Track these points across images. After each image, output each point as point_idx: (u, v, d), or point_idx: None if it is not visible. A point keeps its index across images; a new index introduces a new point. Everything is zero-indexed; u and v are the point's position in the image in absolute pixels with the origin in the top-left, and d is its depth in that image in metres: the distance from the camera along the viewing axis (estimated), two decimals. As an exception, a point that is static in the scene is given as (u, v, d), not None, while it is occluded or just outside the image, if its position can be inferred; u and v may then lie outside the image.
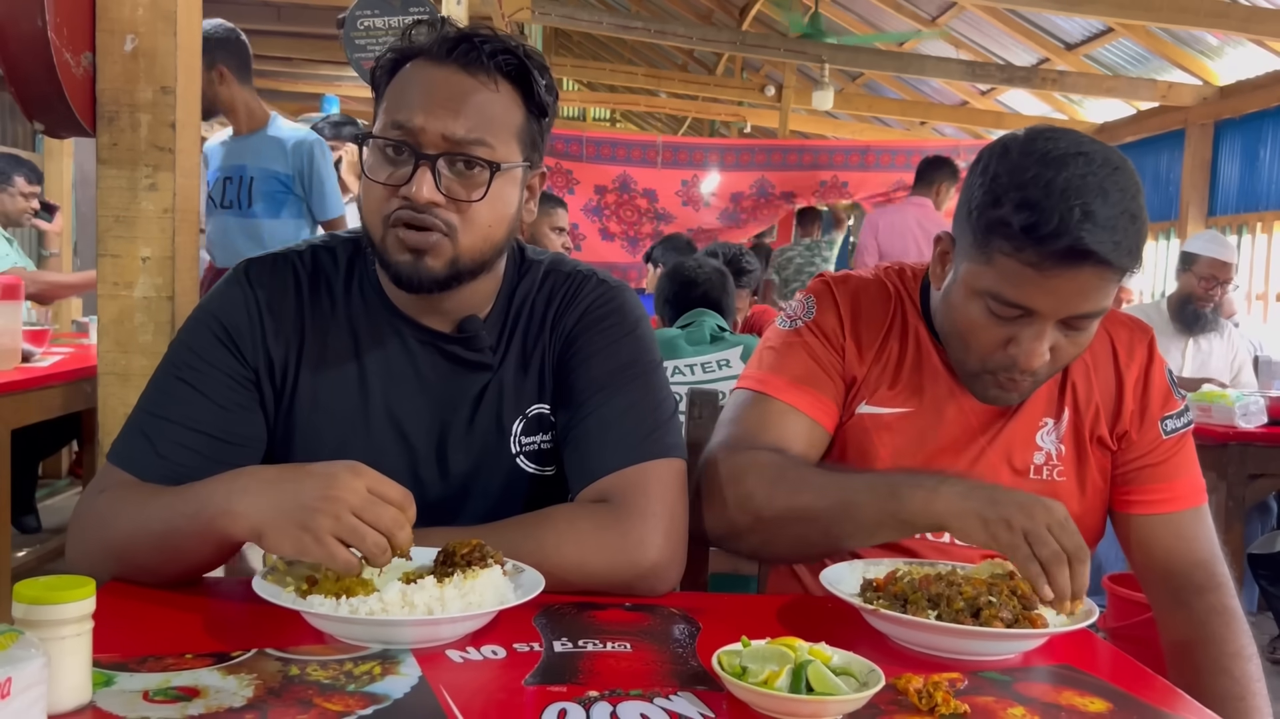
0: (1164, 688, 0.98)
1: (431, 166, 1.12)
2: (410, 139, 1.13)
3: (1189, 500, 1.36)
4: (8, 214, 4.63)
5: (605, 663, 0.94)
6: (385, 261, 1.17)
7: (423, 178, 1.12)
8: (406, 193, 1.13)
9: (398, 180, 1.14)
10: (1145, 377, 1.37)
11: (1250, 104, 7.03)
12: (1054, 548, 1.04)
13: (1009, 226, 1.15)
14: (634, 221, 6.45)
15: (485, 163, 1.14)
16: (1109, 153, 1.18)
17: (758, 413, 1.36)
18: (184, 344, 1.22)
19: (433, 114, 1.13)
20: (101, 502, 1.15)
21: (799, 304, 1.43)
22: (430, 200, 1.12)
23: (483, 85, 1.15)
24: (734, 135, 12.49)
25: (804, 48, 7.98)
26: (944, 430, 1.35)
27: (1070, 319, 1.20)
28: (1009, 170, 1.17)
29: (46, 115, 1.82)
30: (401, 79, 1.17)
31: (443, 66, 1.15)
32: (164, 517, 1.08)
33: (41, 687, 0.72)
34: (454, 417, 1.25)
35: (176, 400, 1.18)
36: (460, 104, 1.14)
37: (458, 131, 1.13)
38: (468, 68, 1.15)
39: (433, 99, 1.14)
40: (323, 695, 0.84)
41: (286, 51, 7.68)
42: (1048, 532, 1.05)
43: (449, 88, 1.15)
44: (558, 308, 1.28)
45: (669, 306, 2.82)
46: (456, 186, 1.14)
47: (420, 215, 1.13)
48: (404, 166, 1.14)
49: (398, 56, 1.19)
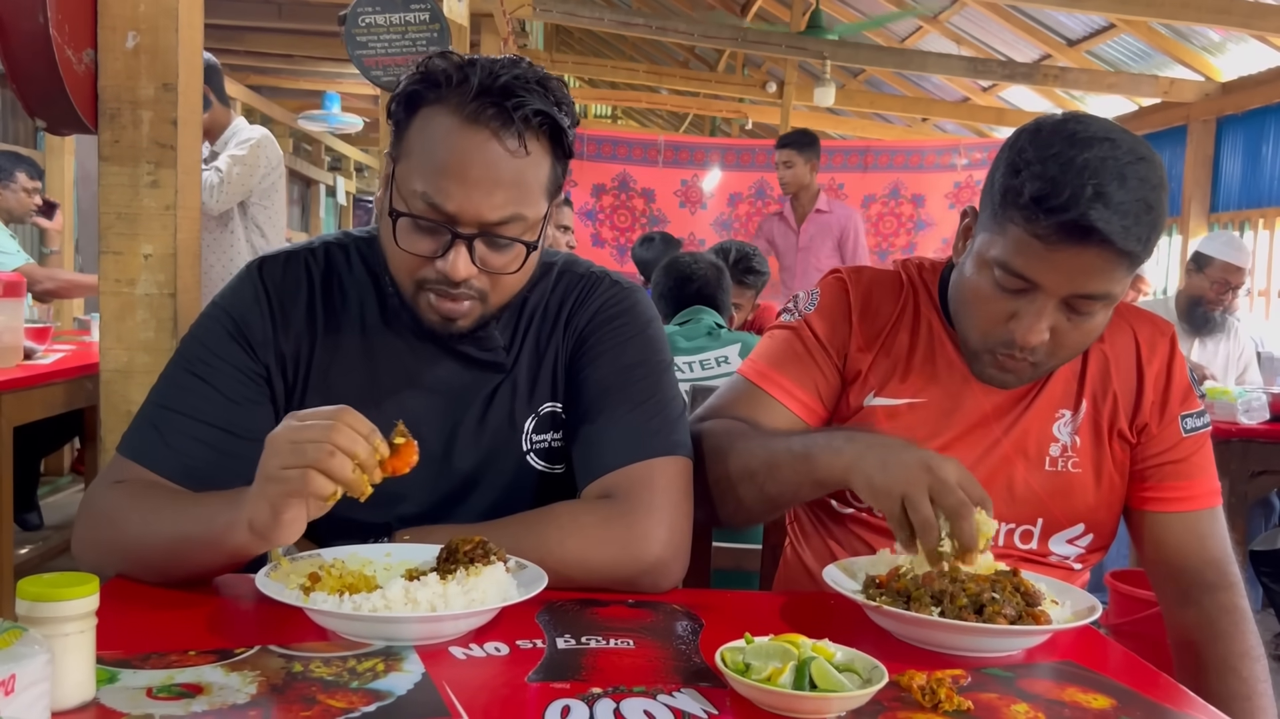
0: (1168, 685, 0.98)
1: (468, 243, 1.12)
2: (445, 220, 1.12)
3: (1206, 501, 1.36)
4: (10, 211, 4.63)
5: (608, 659, 0.94)
6: (415, 315, 1.19)
7: (458, 256, 1.12)
8: (442, 268, 1.13)
9: (429, 252, 1.14)
10: (1167, 371, 1.38)
11: (1252, 100, 7.01)
12: (925, 513, 1.04)
13: (1021, 196, 1.17)
14: (626, 228, 6.44)
15: (522, 243, 1.15)
16: (1138, 144, 1.19)
17: (734, 394, 1.42)
18: (195, 339, 1.23)
19: (469, 197, 1.10)
20: (112, 497, 1.15)
21: (804, 297, 1.46)
22: (466, 278, 1.13)
23: (514, 154, 1.12)
24: (735, 132, 12.48)
25: (805, 44, 7.97)
26: (957, 420, 1.36)
27: (1073, 299, 1.20)
28: (1036, 146, 1.18)
29: (48, 112, 1.81)
30: (429, 134, 1.12)
31: (473, 131, 1.10)
32: (175, 522, 1.08)
33: (45, 683, 0.72)
34: (465, 414, 1.25)
35: (187, 393, 1.19)
36: (495, 183, 1.11)
37: (493, 214, 1.12)
38: (499, 134, 1.11)
39: (467, 177, 1.10)
40: (326, 692, 0.84)
41: (288, 49, 7.68)
42: (926, 496, 1.05)
43: (484, 163, 1.10)
44: (571, 308, 1.29)
45: (665, 302, 2.82)
46: (492, 259, 1.15)
47: (452, 289, 1.14)
48: (438, 238, 1.13)
49: (418, 91, 1.13)
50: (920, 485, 1.05)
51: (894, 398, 1.37)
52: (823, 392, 1.39)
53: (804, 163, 5.05)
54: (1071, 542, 1.38)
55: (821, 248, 5.13)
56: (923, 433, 1.35)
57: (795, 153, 5.07)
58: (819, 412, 1.40)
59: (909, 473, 1.07)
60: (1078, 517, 1.37)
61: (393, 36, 3.77)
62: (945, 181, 6.42)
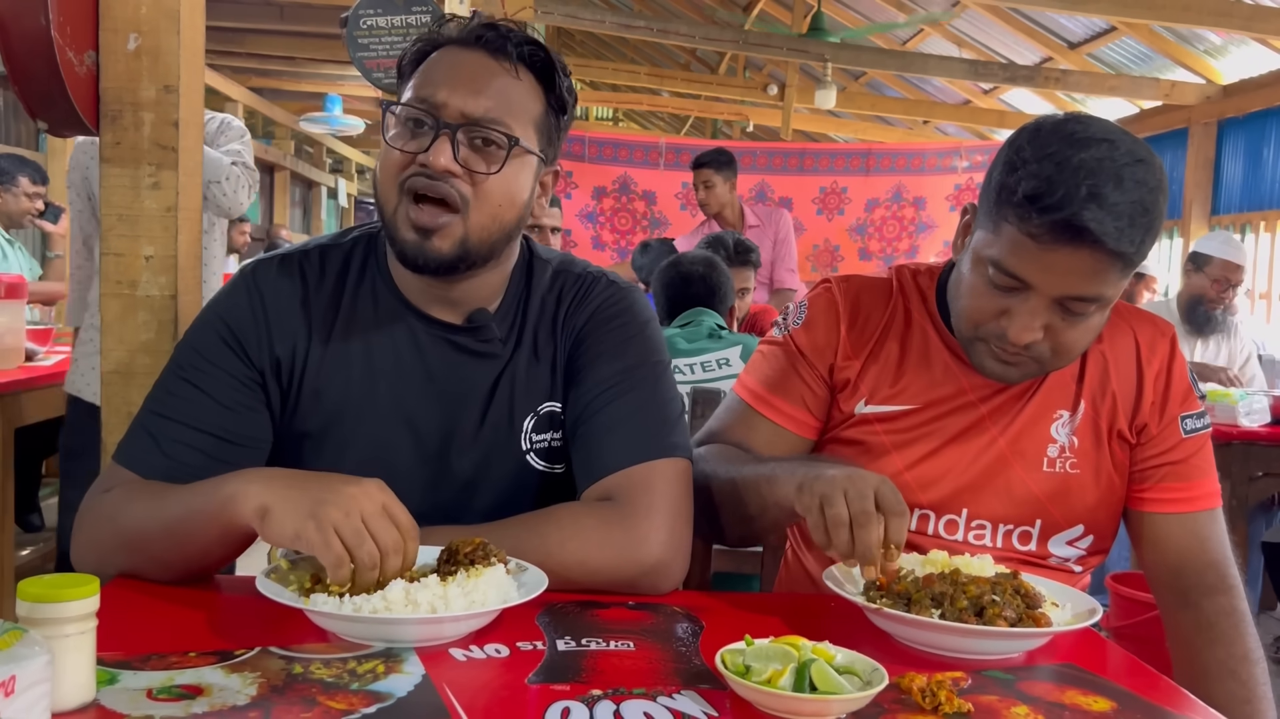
0: (1168, 687, 0.98)
1: (451, 137, 1.14)
2: (431, 111, 1.15)
3: (1205, 502, 1.36)
4: (11, 215, 4.63)
5: (608, 661, 0.94)
6: (393, 238, 1.19)
7: (441, 146, 1.14)
8: (424, 160, 1.14)
9: (415, 148, 1.16)
10: (1167, 372, 1.37)
11: (1254, 103, 7.01)
12: (837, 510, 1.06)
13: (1015, 194, 1.17)
14: (627, 230, 6.44)
15: (504, 136, 1.16)
16: (1138, 146, 1.18)
17: (730, 417, 1.45)
18: (189, 345, 1.23)
19: (455, 91, 1.15)
20: (110, 497, 1.15)
21: (793, 310, 1.47)
22: (447, 169, 1.14)
23: (506, 71, 1.19)
24: (737, 134, 12.48)
25: (806, 47, 7.97)
26: (952, 424, 1.36)
27: (1066, 300, 1.20)
28: (1034, 145, 1.19)
29: (49, 114, 1.81)
30: (428, 63, 1.20)
31: (469, 51, 1.19)
32: (178, 502, 1.09)
33: (45, 684, 0.72)
34: (464, 411, 1.25)
35: (181, 401, 1.19)
36: (483, 84, 1.17)
37: (478, 109, 1.15)
38: (494, 54, 1.18)
39: (457, 77, 1.17)
40: (326, 694, 0.84)
41: (289, 51, 7.69)
42: (842, 497, 1.07)
43: (473, 68, 1.18)
44: (568, 308, 1.29)
45: (665, 303, 2.81)
46: (474, 158, 1.16)
47: (434, 183, 1.15)
48: (423, 137, 1.15)
49: (425, 46, 1.21)
50: (837, 488, 1.08)
51: (886, 404, 1.38)
52: (812, 405, 1.41)
53: (723, 181, 4.75)
54: (1071, 543, 1.38)
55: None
56: (917, 438, 1.36)
57: (714, 172, 4.72)
58: (813, 424, 1.42)
59: (831, 480, 1.10)
60: (1077, 518, 1.36)
61: (394, 39, 3.77)
62: (946, 184, 6.42)
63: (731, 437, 1.42)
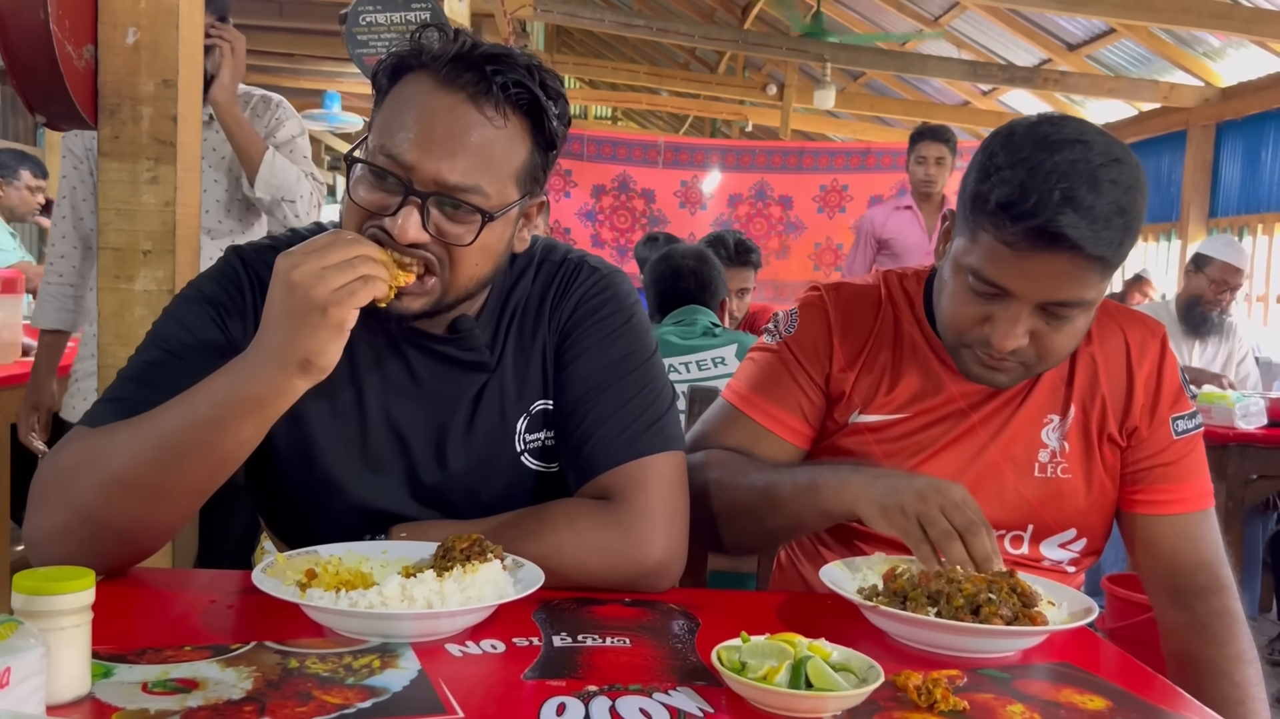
0: (1163, 686, 0.98)
1: (420, 206, 1.06)
2: (401, 173, 1.06)
3: (1197, 503, 1.36)
4: (13, 208, 4.62)
5: (604, 658, 0.94)
6: None
7: (409, 216, 1.05)
8: (390, 227, 1.06)
9: (378, 206, 1.08)
10: (1158, 373, 1.36)
11: (1252, 105, 7.02)
12: (943, 527, 1.09)
13: (988, 202, 1.16)
14: (626, 229, 6.44)
15: (478, 210, 1.08)
16: (1112, 145, 1.17)
17: (722, 421, 1.43)
18: (170, 316, 1.19)
19: (428, 152, 1.05)
20: (74, 446, 1.07)
21: (784, 317, 1.45)
22: (415, 240, 1.06)
23: (488, 121, 1.08)
24: (735, 134, 12.48)
25: (806, 47, 7.98)
26: (943, 431, 1.35)
27: (1048, 305, 1.19)
28: (1007, 150, 1.17)
29: (48, 108, 1.81)
30: (402, 93, 1.10)
31: (448, 92, 1.07)
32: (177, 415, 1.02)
33: (40, 677, 0.72)
34: (452, 418, 1.22)
35: (155, 368, 1.13)
36: (459, 144, 1.06)
37: (452, 176, 1.06)
38: (475, 99, 1.07)
39: (431, 133, 1.06)
40: (322, 688, 0.84)
41: (288, 47, 7.69)
42: (940, 513, 1.10)
43: (450, 123, 1.07)
44: (554, 300, 1.26)
45: (656, 295, 2.81)
46: (445, 226, 1.08)
47: (400, 256, 1.06)
48: (391, 196, 1.07)
49: (401, 61, 1.11)
50: (932, 505, 1.10)
51: (879, 414, 1.37)
52: (807, 413, 1.40)
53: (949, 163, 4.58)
54: (1063, 546, 1.38)
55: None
56: (910, 446, 1.35)
57: (949, 150, 4.57)
58: (806, 433, 1.40)
59: (919, 495, 1.11)
60: (1069, 521, 1.36)
61: (393, 36, 3.76)
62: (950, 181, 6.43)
63: (722, 443, 1.39)
